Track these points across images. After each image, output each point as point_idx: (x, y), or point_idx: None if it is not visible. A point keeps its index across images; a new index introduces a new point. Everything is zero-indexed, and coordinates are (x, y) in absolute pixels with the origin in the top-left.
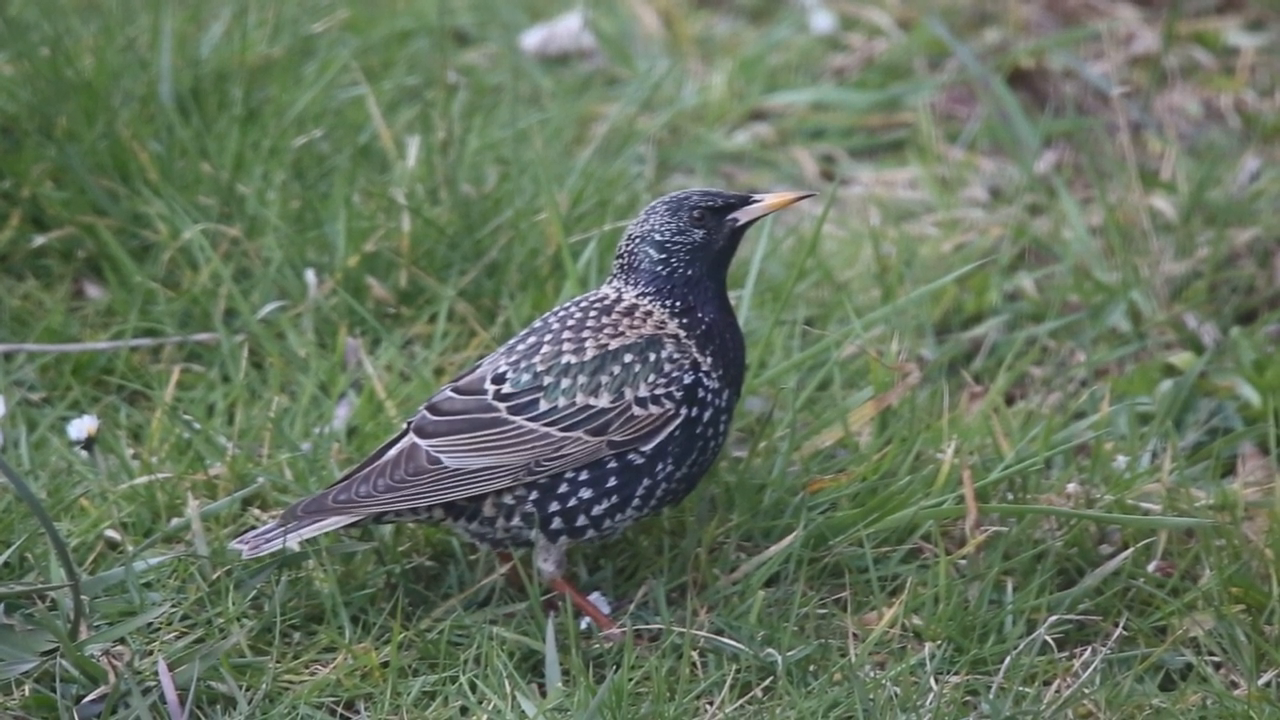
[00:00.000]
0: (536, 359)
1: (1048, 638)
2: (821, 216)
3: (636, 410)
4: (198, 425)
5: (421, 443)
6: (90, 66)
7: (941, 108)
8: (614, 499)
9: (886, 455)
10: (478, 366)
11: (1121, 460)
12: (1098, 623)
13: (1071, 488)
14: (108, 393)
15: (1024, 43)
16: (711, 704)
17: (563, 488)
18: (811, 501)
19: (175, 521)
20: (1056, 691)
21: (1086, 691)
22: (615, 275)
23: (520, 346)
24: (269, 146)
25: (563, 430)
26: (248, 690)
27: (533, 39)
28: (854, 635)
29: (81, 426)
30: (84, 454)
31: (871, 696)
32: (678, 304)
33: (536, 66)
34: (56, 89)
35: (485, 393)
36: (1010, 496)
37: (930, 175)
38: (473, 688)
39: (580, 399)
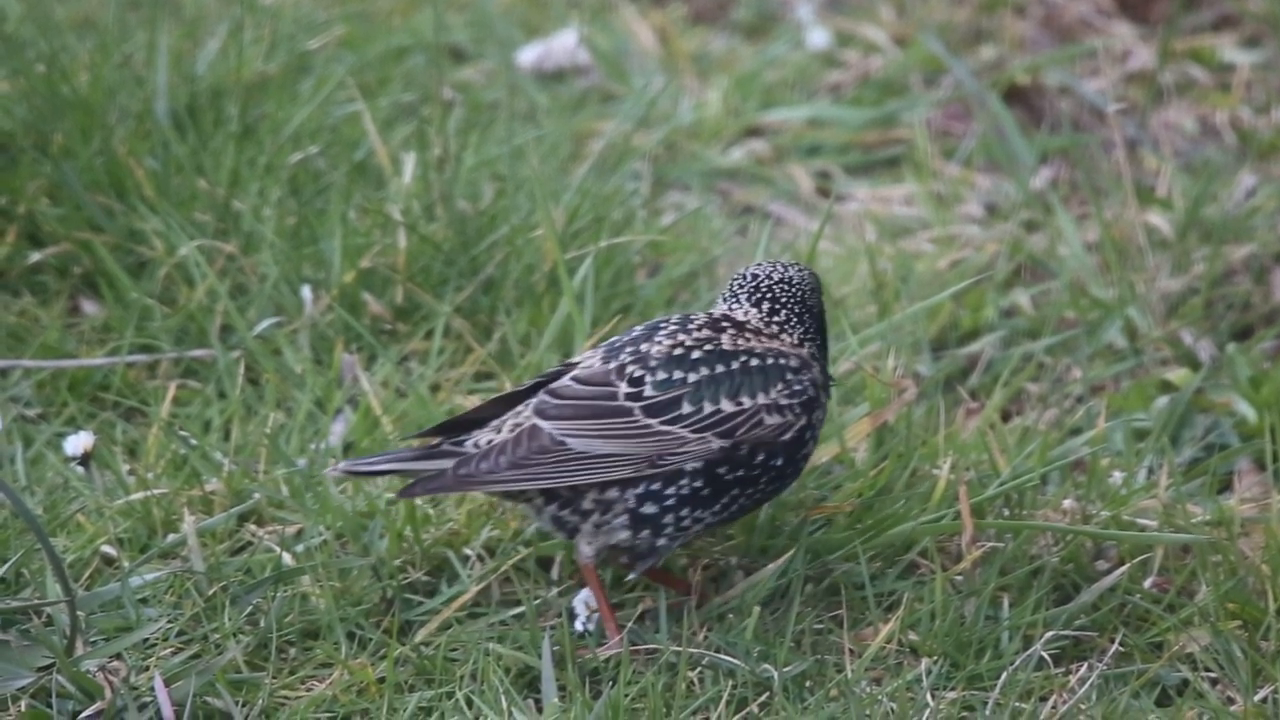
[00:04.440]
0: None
1: (1044, 653)
2: (817, 233)
3: (766, 418)
4: (194, 441)
5: (544, 424)
6: (86, 83)
7: (937, 124)
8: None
9: (883, 471)
10: (586, 358)
11: (1118, 476)
12: (1094, 639)
13: (1068, 504)
14: (104, 409)
15: (1020, 59)
16: None
17: (669, 489)
18: (809, 521)
19: (171, 537)
20: (1053, 707)
21: (1083, 707)
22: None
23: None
24: (265, 163)
25: (695, 432)
26: (244, 706)
27: (528, 56)
28: (850, 651)
29: (78, 443)
30: (80, 470)
31: (868, 712)
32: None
33: (532, 83)
34: (53, 106)
35: (612, 385)
36: (1006, 512)
37: (926, 192)
38: (469, 703)
39: (722, 404)
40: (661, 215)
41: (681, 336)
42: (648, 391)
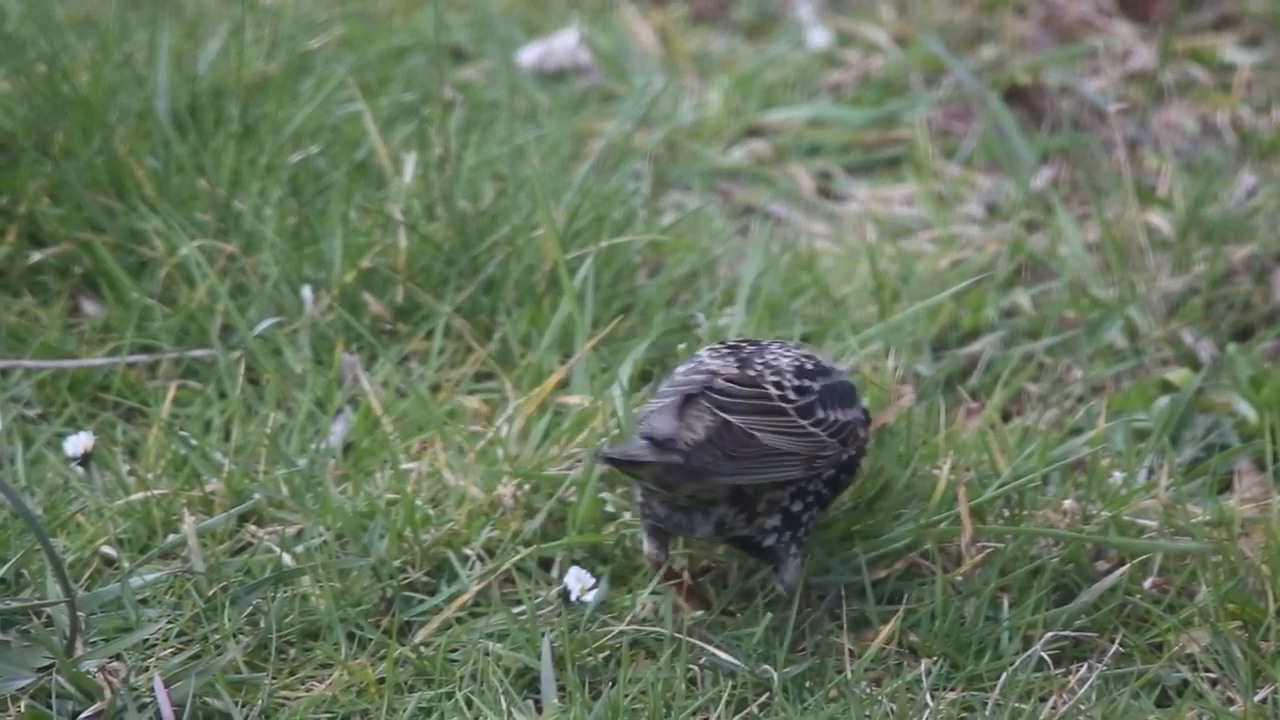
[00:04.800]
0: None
1: (1044, 654)
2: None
3: (859, 430)
4: (194, 441)
5: (734, 419)
6: (87, 83)
7: (938, 124)
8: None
9: (882, 472)
10: (715, 363)
11: (1118, 476)
12: (1094, 639)
13: (1068, 504)
14: (104, 409)
15: (1021, 59)
16: None
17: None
18: None
19: (171, 538)
20: (1052, 708)
21: (1083, 708)
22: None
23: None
24: (266, 163)
25: (829, 436)
26: (244, 707)
27: (529, 55)
28: (850, 652)
29: (78, 443)
30: (80, 470)
31: (867, 713)
32: None
33: (533, 83)
34: (53, 105)
35: (762, 388)
36: (1007, 513)
37: (927, 191)
38: (469, 704)
39: (836, 413)
40: (662, 215)
41: (793, 350)
42: (790, 395)
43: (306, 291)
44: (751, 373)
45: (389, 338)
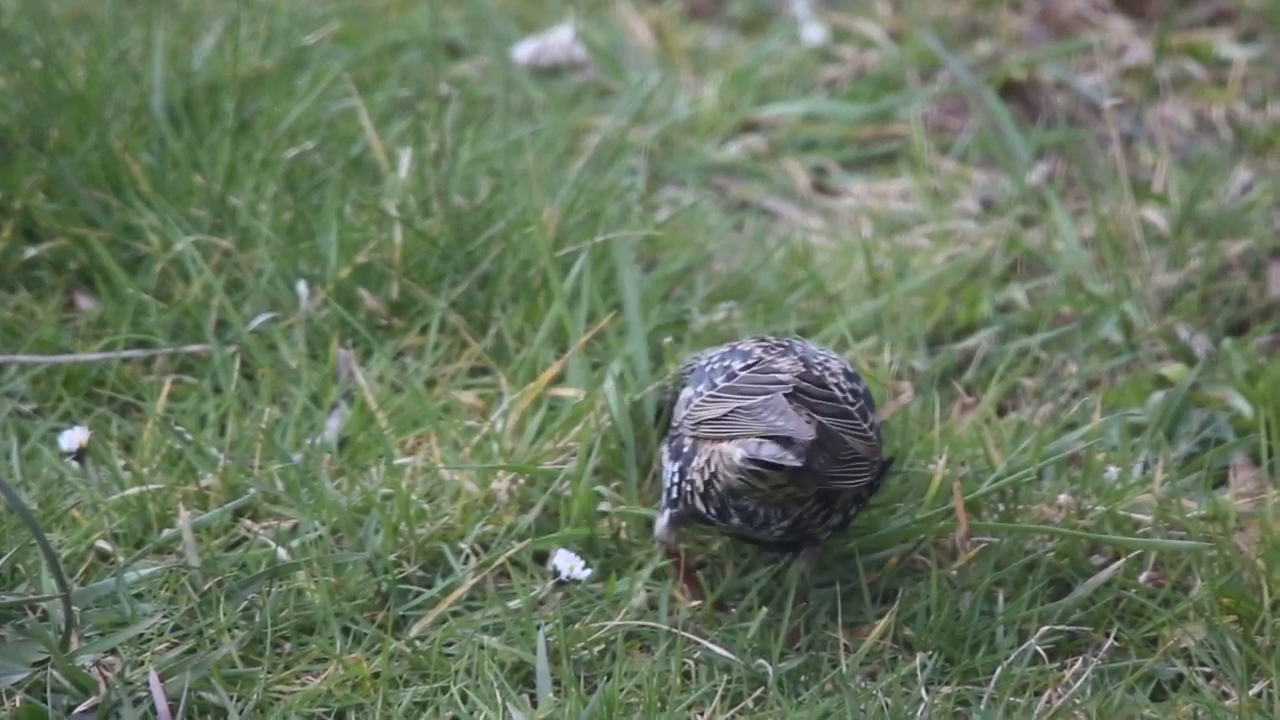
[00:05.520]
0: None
1: (1039, 648)
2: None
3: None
4: (189, 436)
5: (827, 422)
6: (82, 78)
7: (933, 119)
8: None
9: None
10: (778, 361)
11: (1113, 471)
12: (1089, 633)
13: (1063, 499)
14: (99, 404)
15: (1016, 54)
16: (703, 714)
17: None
18: None
19: (166, 532)
20: (1048, 702)
21: (1078, 702)
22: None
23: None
24: (261, 158)
25: (878, 438)
26: (239, 701)
27: (524, 51)
28: (845, 646)
29: (73, 438)
30: (75, 465)
31: (863, 707)
32: None
33: (528, 78)
34: (48, 101)
35: (832, 389)
36: (1002, 508)
37: (922, 187)
38: (464, 698)
39: (874, 418)
40: (657, 210)
41: (835, 355)
42: (849, 398)
43: (302, 287)
44: (816, 373)
45: (384, 333)
